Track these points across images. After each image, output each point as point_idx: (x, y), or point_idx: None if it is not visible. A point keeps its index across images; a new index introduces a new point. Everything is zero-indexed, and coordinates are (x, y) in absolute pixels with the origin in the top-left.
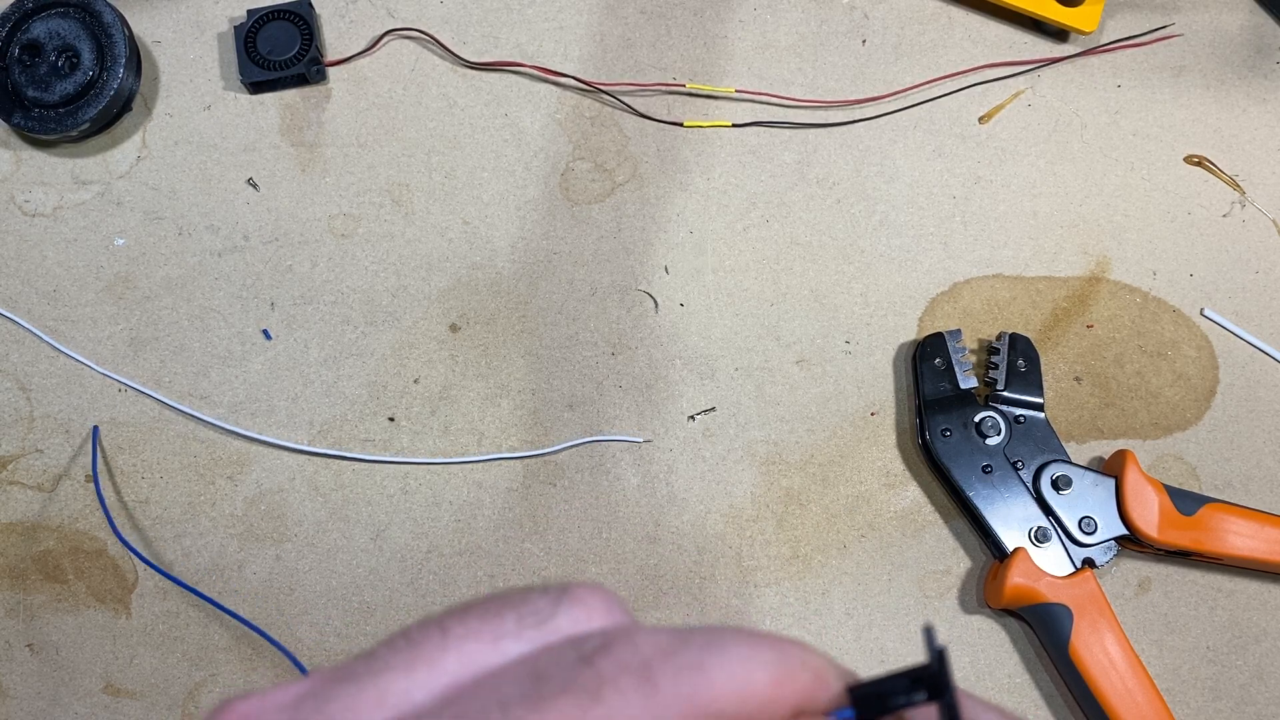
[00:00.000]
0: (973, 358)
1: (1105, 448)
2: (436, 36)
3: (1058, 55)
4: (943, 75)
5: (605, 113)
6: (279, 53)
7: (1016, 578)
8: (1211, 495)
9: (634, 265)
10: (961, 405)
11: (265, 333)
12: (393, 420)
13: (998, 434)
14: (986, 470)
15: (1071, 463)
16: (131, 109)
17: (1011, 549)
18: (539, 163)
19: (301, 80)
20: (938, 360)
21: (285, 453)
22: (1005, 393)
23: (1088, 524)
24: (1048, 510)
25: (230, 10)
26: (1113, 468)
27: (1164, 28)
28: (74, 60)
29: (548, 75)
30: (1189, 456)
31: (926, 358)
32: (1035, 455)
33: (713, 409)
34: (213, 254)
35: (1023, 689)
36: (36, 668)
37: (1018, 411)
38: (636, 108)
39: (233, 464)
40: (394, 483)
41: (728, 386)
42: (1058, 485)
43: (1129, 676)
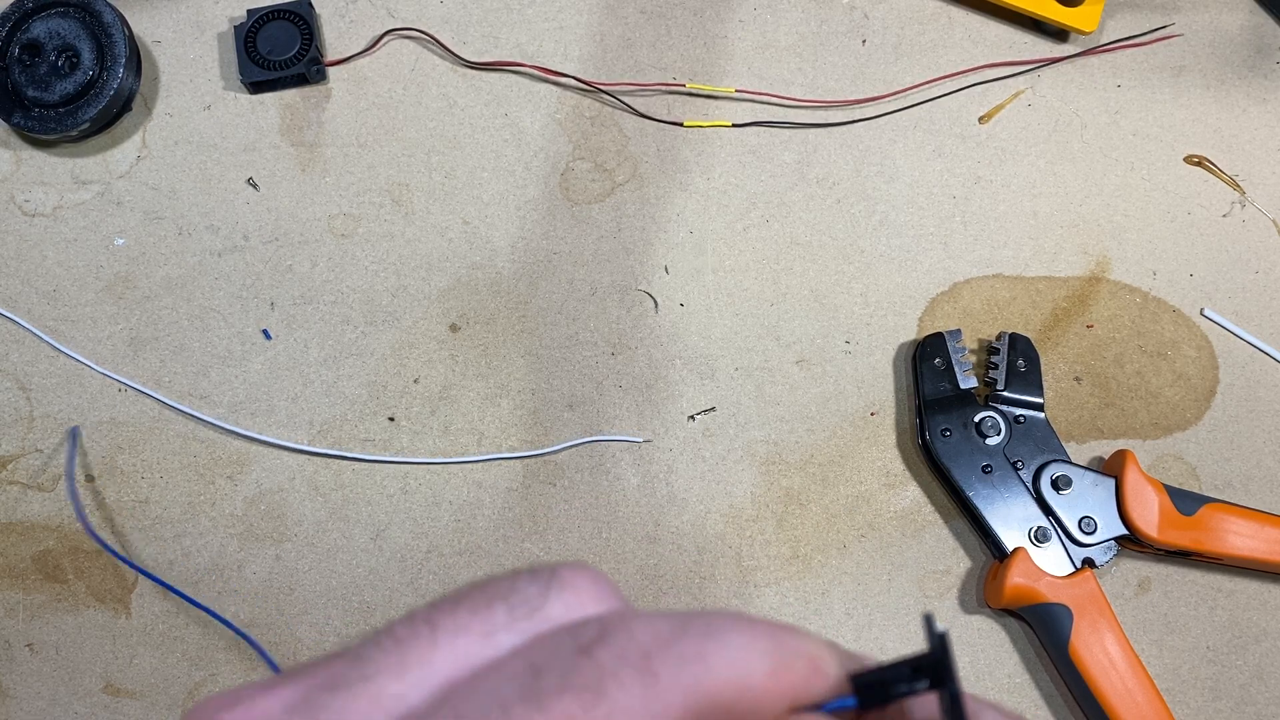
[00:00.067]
0: (973, 358)
1: (1105, 448)
2: (436, 36)
3: (1058, 55)
4: (943, 75)
5: (605, 113)
6: (279, 53)
7: (1016, 578)
8: (1211, 495)
9: (634, 265)
10: (961, 405)
11: (265, 333)
12: (393, 420)
13: (998, 434)
14: (986, 470)
15: (1071, 463)
16: (131, 109)
17: (1011, 549)
18: (539, 163)
19: (301, 80)
20: (938, 360)
21: (285, 453)
22: (1005, 393)
23: (1088, 524)
24: (1048, 510)
25: (230, 10)
26: (1113, 468)
27: (1164, 28)
28: (74, 60)
29: (548, 75)
30: (1189, 456)
31: (926, 358)
32: (1035, 455)
33: (713, 409)
34: (213, 254)
35: (1023, 689)
36: (36, 668)
37: (1018, 411)
38: (636, 108)
39: (233, 464)
40: (394, 483)
41: (728, 386)
42: (1058, 485)
43: (1129, 676)
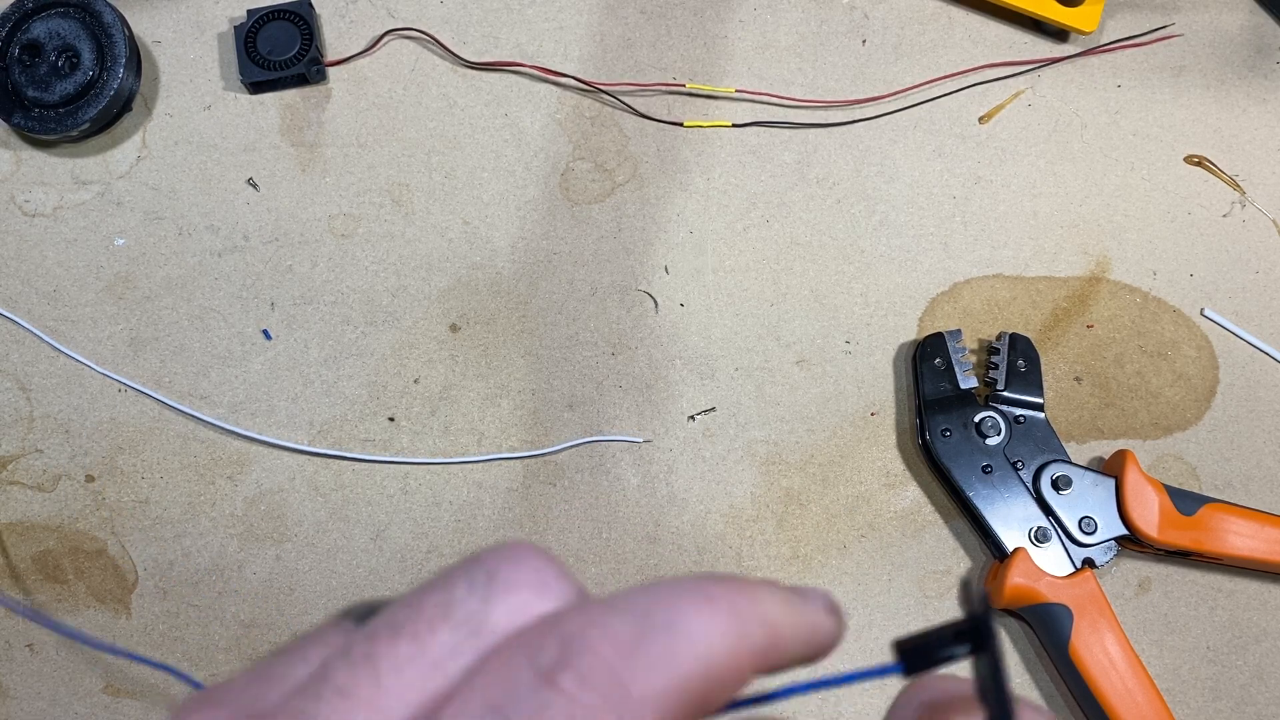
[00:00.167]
0: (973, 358)
1: (1105, 448)
2: (436, 36)
3: (1058, 55)
4: (943, 75)
5: (605, 113)
6: (279, 53)
7: (1016, 578)
8: (1211, 495)
9: (634, 265)
10: (961, 405)
11: (265, 333)
12: (393, 420)
13: (998, 434)
14: (986, 470)
15: (1071, 463)
16: (131, 109)
17: (1011, 549)
18: (539, 163)
19: (301, 80)
20: (938, 360)
21: (285, 453)
22: (1005, 393)
23: (1088, 524)
24: (1048, 510)
25: (230, 10)
26: (1113, 468)
27: (1164, 28)
28: (74, 60)
29: (548, 75)
30: (1189, 456)
31: (926, 358)
32: (1035, 455)
33: (713, 409)
34: (213, 254)
35: (1023, 689)
36: (36, 668)
37: (1018, 411)
38: (636, 108)
39: (233, 464)
40: (394, 483)
41: (728, 386)
42: (1058, 485)
43: (1129, 676)
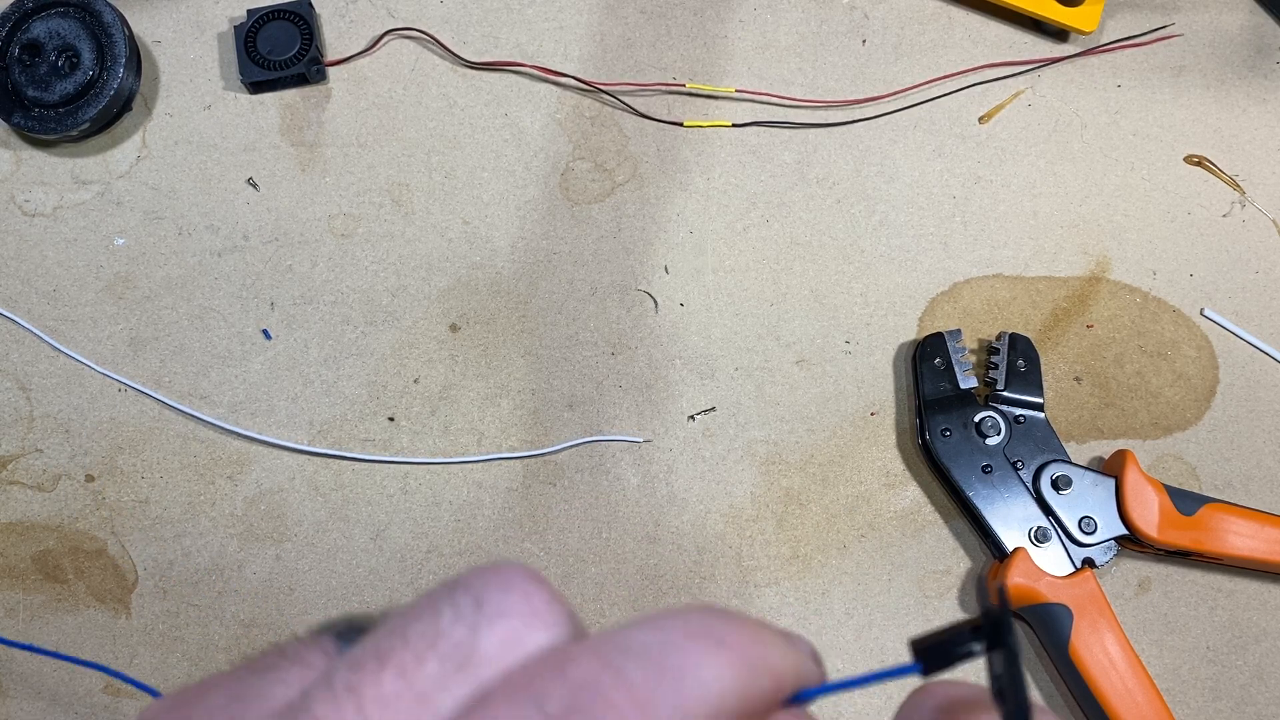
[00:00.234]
0: (973, 358)
1: (1105, 448)
2: (436, 36)
3: (1058, 55)
4: (943, 75)
5: (605, 113)
6: (279, 53)
7: (1016, 578)
8: (1211, 495)
9: (634, 265)
10: (961, 405)
11: (265, 333)
12: (393, 420)
13: (998, 434)
14: (986, 470)
15: (1071, 463)
16: (131, 109)
17: (1011, 549)
18: (539, 163)
19: (301, 80)
20: (938, 360)
21: (285, 453)
22: (1005, 393)
23: (1088, 524)
24: (1048, 510)
25: (230, 10)
26: (1113, 468)
27: (1164, 28)
28: (74, 60)
29: (548, 75)
30: (1189, 456)
31: (926, 358)
32: (1035, 455)
33: (713, 409)
34: (213, 254)
35: None
36: (36, 668)
37: (1018, 411)
38: (636, 108)
39: (233, 464)
40: (394, 483)
41: (728, 386)
42: (1058, 485)
43: (1129, 676)
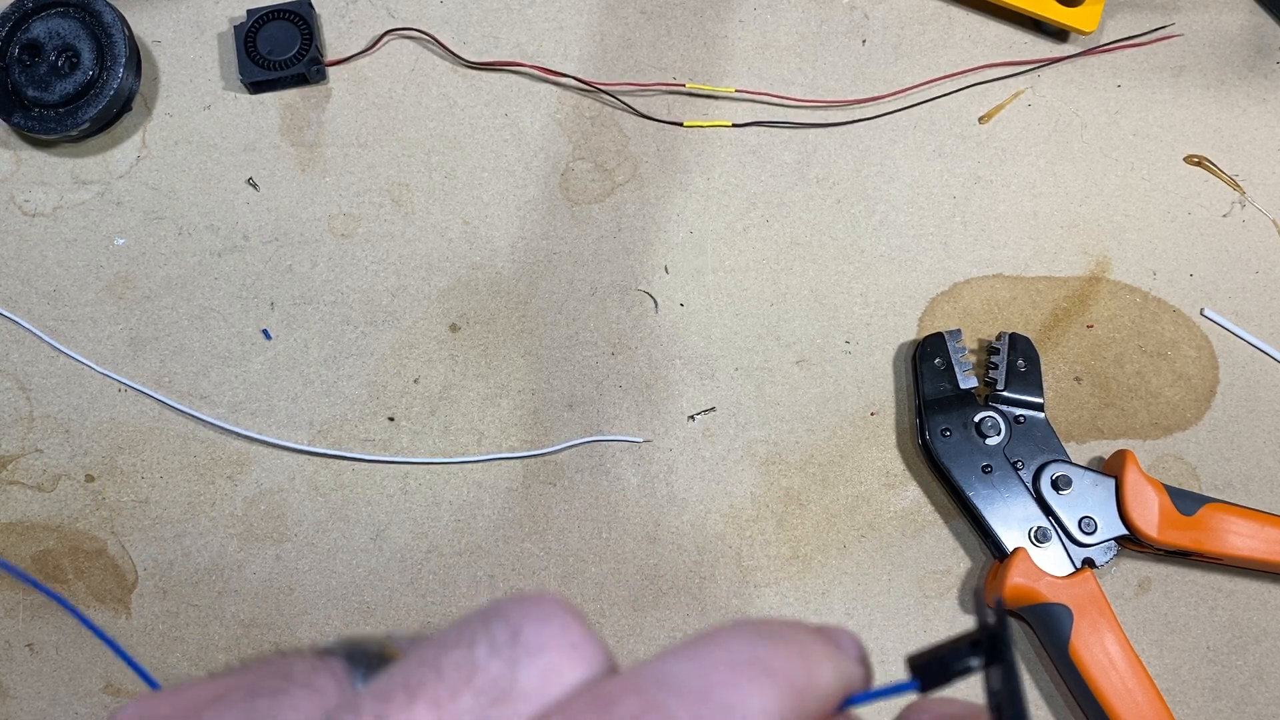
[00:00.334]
0: (973, 358)
1: (1105, 448)
2: (436, 36)
3: (1058, 55)
4: (943, 75)
5: (605, 113)
6: (279, 53)
7: (1016, 578)
8: (1211, 495)
9: (634, 265)
10: (961, 405)
11: (265, 333)
12: (393, 420)
13: (998, 434)
14: (986, 470)
15: (1071, 463)
16: (131, 109)
17: (1011, 549)
18: (539, 163)
19: (301, 80)
20: (938, 360)
21: (285, 453)
22: (1005, 393)
23: (1088, 524)
24: (1048, 510)
25: (230, 10)
26: (1113, 468)
27: (1164, 28)
28: (74, 60)
29: (548, 75)
30: (1189, 456)
31: (926, 358)
32: (1035, 455)
33: (713, 409)
34: (213, 254)
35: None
36: (36, 668)
37: (1018, 411)
38: (636, 108)
39: (233, 464)
40: (394, 483)
41: (728, 386)
42: (1058, 485)
43: (1129, 676)
